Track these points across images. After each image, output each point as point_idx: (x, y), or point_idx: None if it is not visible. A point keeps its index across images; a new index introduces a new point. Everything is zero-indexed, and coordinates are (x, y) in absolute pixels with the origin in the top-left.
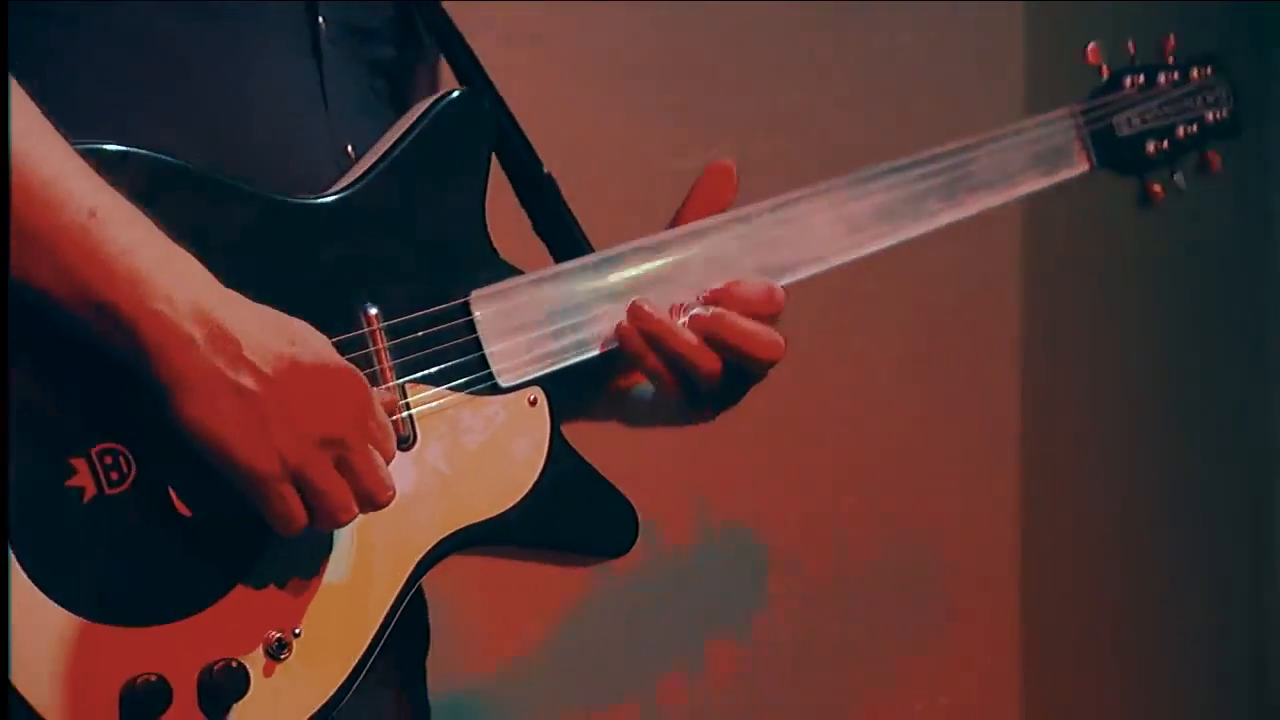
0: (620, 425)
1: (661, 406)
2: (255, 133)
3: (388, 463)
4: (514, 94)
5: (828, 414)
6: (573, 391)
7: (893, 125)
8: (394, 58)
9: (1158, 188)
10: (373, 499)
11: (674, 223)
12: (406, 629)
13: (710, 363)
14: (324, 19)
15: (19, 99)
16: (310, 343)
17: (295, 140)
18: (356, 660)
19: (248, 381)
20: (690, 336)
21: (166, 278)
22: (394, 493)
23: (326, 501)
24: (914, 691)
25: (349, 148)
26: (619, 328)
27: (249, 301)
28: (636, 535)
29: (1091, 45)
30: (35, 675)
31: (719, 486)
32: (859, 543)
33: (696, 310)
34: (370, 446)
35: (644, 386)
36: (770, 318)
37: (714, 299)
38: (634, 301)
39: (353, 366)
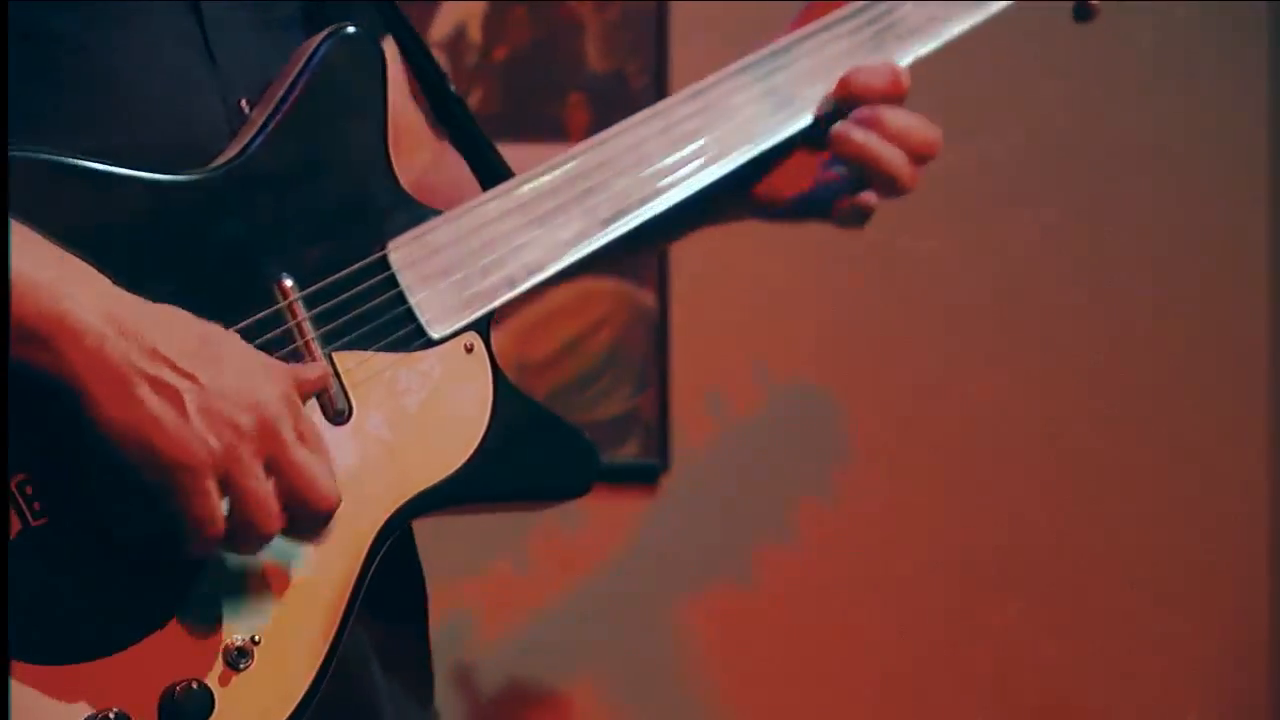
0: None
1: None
2: (136, 106)
3: (333, 474)
4: None
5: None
6: (703, 203)
7: (1137, 123)
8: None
9: (1094, 3)
10: (307, 502)
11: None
12: (395, 595)
13: (910, 177)
14: None
15: None
16: (224, 338)
17: (181, 106)
18: (325, 653)
19: (167, 375)
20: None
21: (64, 280)
22: (337, 498)
23: (251, 505)
24: None
25: (242, 102)
26: (840, 137)
27: (150, 302)
28: (597, 470)
29: None
30: None
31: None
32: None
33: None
34: (304, 446)
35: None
36: (900, 99)
37: (843, 94)
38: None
39: (273, 361)
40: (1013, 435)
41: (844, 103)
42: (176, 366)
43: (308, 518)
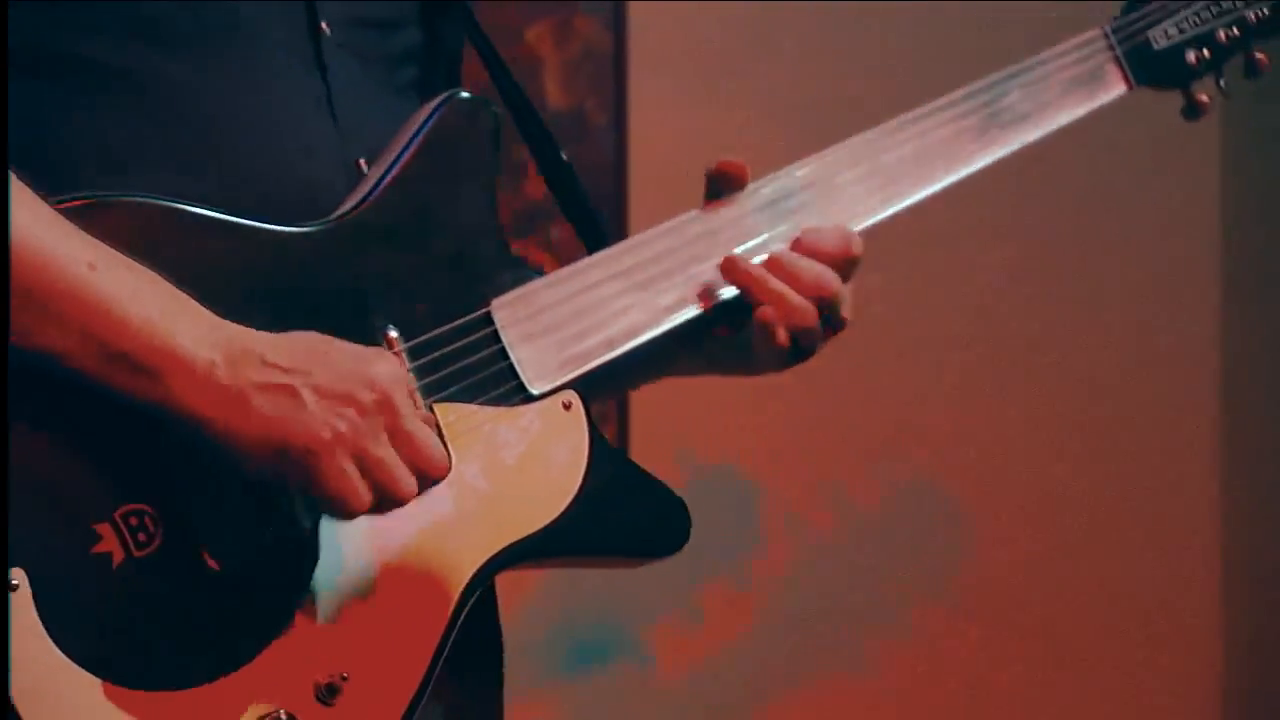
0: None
1: (754, 359)
2: (263, 163)
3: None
4: (700, 137)
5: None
6: (658, 353)
7: (1093, 165)
8: (421, 43)
9: (1204, 97)
10: (428, 468)
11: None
12: (474, 645)
13: (808, 317)
14: (327, 24)
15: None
16: (329, 340)
17: (305, 165)
18: (411, 696)
19: (278, 377)
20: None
21: (176, 316)
22: (450, 463)
23: (385, 471)
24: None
25: (360, 161)
26: (741, 277)
27: (254, 330)
28: (689, 531)
29: None
30: None
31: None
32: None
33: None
34: (416, 417)
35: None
36: (849, 264)
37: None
38: (726, 257)
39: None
40: (973, 464)
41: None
42: (284, 367)
43: (423, 483)
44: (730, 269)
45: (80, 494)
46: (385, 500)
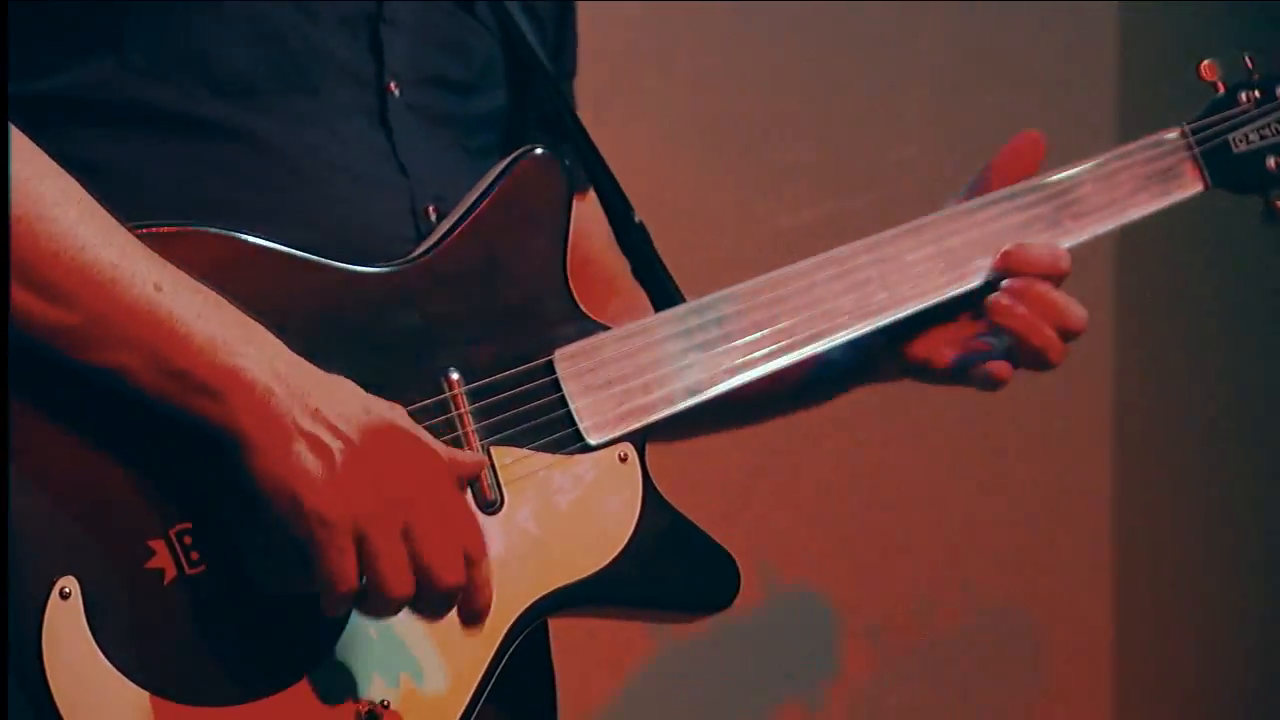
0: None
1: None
2: (332, 211)
3: (472, 552)
4: (614, 147)
5: (891, 475)
6: (859, 359)
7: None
8: (504, 107)
9: None
10: (433, 577)
11: (973, 190)
12: (525, 689)
13: (1058, 352)
14: (396, 84)
15: (67, 188)
16: (385, 410)
17: (373, 214)
18: None
19: (324, 435)
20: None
21: (241, 339)
22: (458, 577)
23: (382, 567)
24: None
25: (429, 209)
26: (998, 306)
27: (319, 369)
28: (738, 587)
29: (1206, 62)
30: None
31: (783, 549)
32: (940, 610)
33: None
34: (446, 523)
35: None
36: (1059, 280)
37: (1003, 267)
38: (994, 300)
39: (428, 437)
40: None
41: (1005, 274)
42: (335, 428)
43: (434, 592)
44: (1000, 312)
45: (137, 510)
46: (373, 592)
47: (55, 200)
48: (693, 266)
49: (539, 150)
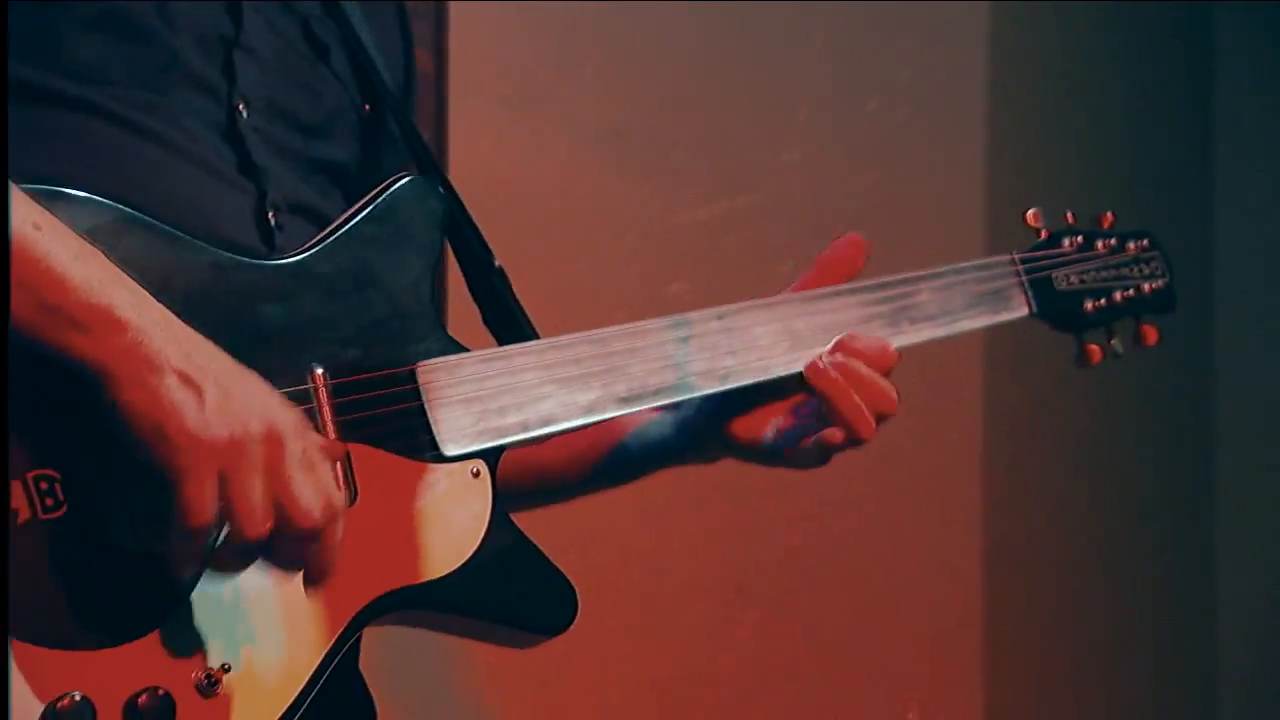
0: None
1: (782, 459)
2: (179, 199)
3: (320, 498)
4: (513, 154)
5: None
6: (690, 437)
7: (875, 184)
8: (334, 159)
9: (1095, 349)
10: (293, 516)
11: (804, 281)
12: (346, 696)
13: (867, 428)
14: (244, 106)
15: None
16: (249, 371)
17: (216, 208)
18: (285, 708)
19: (194, 374)
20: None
21: (115, 283)
22: (315, 521)
23: (241, 504)
24: None
25: (271, 215)
26: (814, 368)
27: (190, 326)
28: (575, 613)
29: (1031, 210)
30: None
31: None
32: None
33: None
34: (308, 466)
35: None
36: (884, 371)
37: (834, 351)
38: (810, 363)
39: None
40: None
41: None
42: (205, 369)
43: (290, 533)
44: (816, 374)
45: None
46: (229, 532)
47: None
48: (599, 257)
49: (417, 176)
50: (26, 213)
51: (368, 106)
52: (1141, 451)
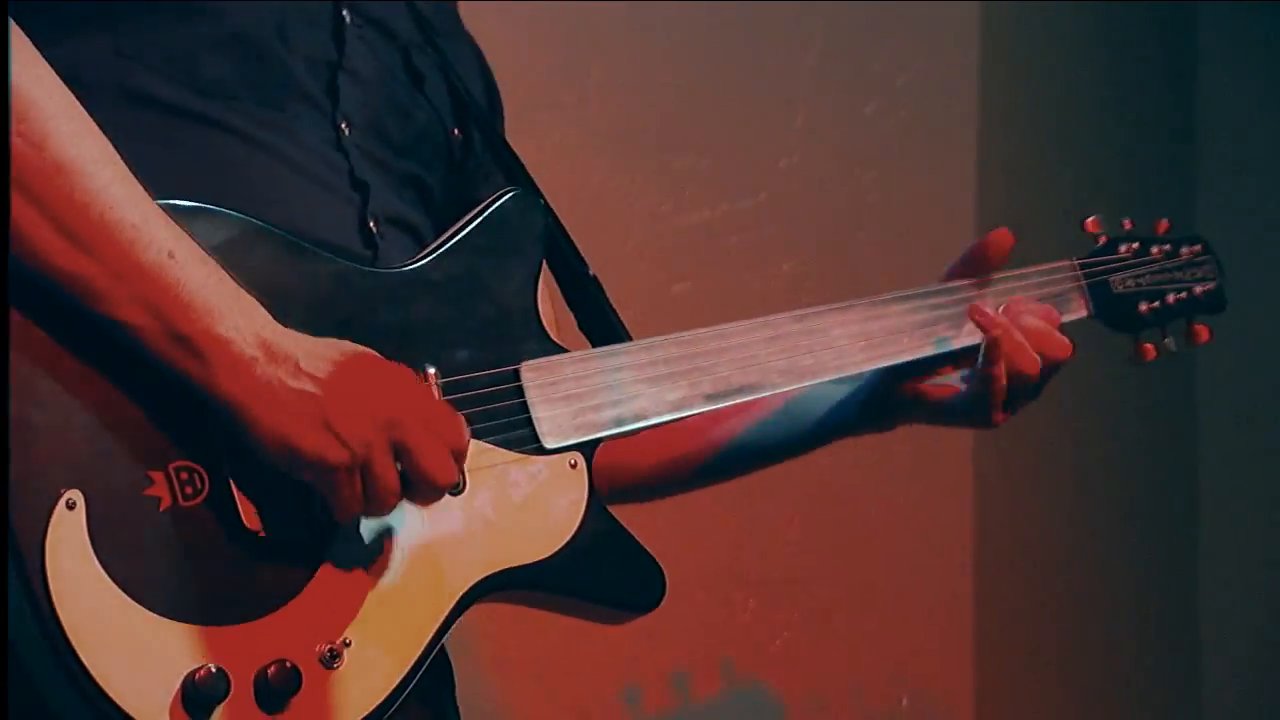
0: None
1: (964, 411)
2: (297, 210)
3: (458, 449)
4: (536, 156)
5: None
6: (873, 397)
7: (873, 186)
8: (418, 175)
9: (1150, 347)
10: (429, 479)
11: (947, 276)
12: (435, 665)
13: (1032, 364)
14: (346, 125)
15: (101, 151)
16: (359, 349)
17: (326, 217)
18: (401, 678)
19: (307, 386)
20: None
21: (235, 311)
22: (456, 477)
23: (378, 484)
24: None
25: (373, 224)
26: (988, 323)
27: (301, 334)
28: (664, 593)
29: (1091, 218)
30: (106, 659)
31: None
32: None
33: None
34: (431, 432)
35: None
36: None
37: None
38: (972, 304)
39: (400, 365)
40: None
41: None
42: (316, 377)
43: (426, 488)
44: (977, 313)
45: (143, 442)
46: (372, 504)
47: (95, 158)
48: (604, 258)
49: (520, 191)
50: (164, 239)
51: (457, 131)
52: (1127, 446)
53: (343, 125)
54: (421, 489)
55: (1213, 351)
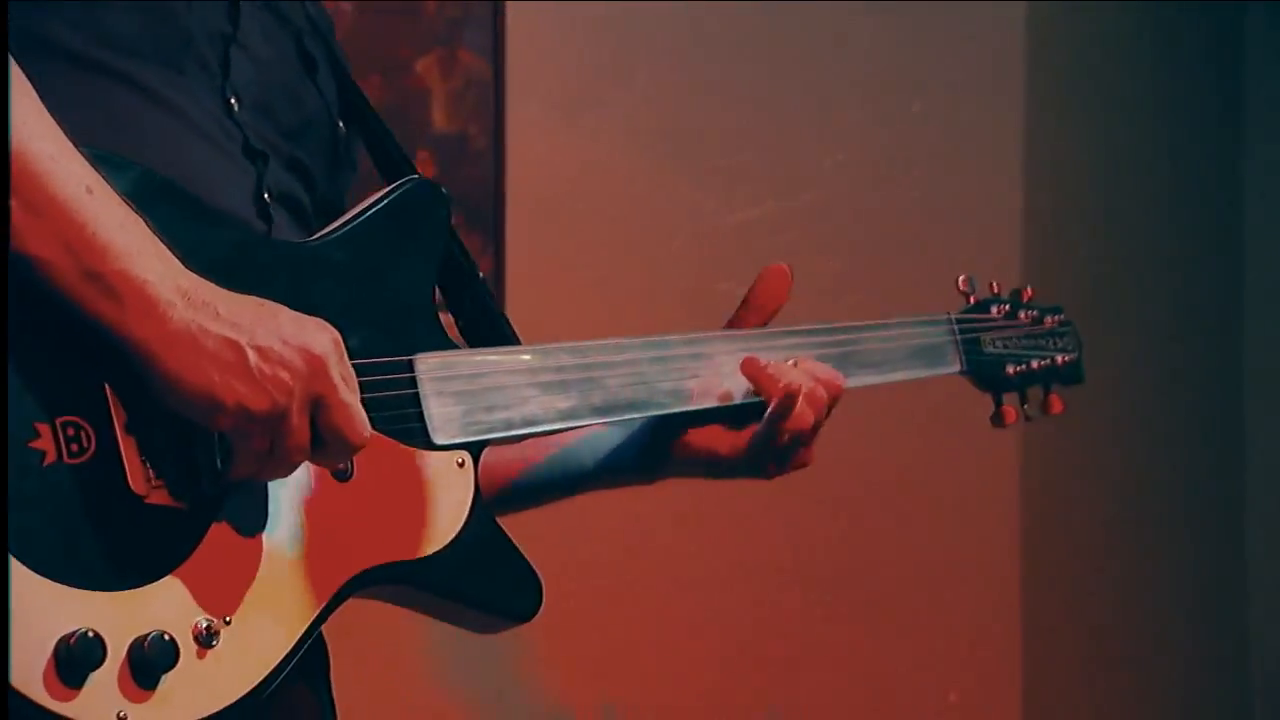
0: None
1: (744, 464)
2: (194, 174)
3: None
4: (568, 156)
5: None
6: (639, 453)
7: (920, 183)
8: (301, 161)
9: (1012, 409)
10: (344, 436)
11: (731, 322)
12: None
13: (806, 421)
14: (235, 99)
15: (21, 83)
16: (275, 304)
17: (224, 185)
18: (277, 662)
19: (229, 333)
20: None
21: (151, 255)
22: (368, 436)
23: (291, 438)
24: None
25: (266, 196)
26: (751, 361)
27: (210, 282)
28: (540, 603)
29: (962, 276)
30: None
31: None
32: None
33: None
34: (350, 388)
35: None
36: (832, 397)
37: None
38: (747, 357)
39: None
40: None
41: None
42: (234, 322)
43: (340, 446)
44: (750, 366)
45: (34, 392)
46: (280, 459)
47: (19, 89)
48: (650, 256)
49: (427, 180)
50: (81, 174)
51: (342, 125)
52: (1174, 438)
53: (232, 99)
54: (334, 447)
55: (1262, 349)
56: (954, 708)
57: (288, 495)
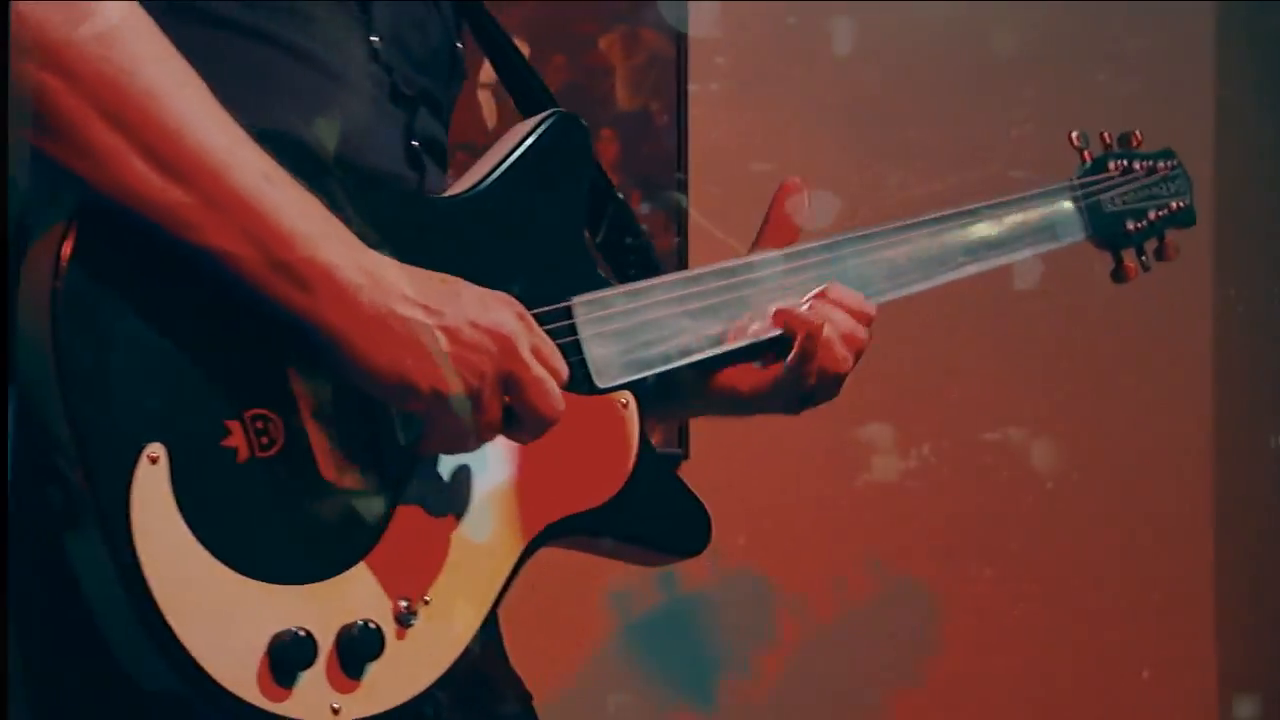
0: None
1: (768, 400)
2: (348, 128)
3: (563, 383)
4: (750, 133)
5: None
6: (669, 391)
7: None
8: (429, 90)
9: (1133, 266)
10: (537, 412)
11: (758, 235)
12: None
13: (843, 362)
14: (377, 39)
15: (186, 73)
16: (457, 280)
17: (375, 135)
18: (475, 630)
19: (419, 315)
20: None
21: (334, 237)
22: (562, 411)
23: (483, 417)
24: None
25: (415, 143)
26: (791, 321)
27: (391, 259)
28: (709, 538)
29: (1075, 132)
30: (195, 626)
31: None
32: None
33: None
34: (540, 363)
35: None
36: (868, 322)
37: (814, 300)
38: (779, 307)
39: (501, 293)
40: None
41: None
42: (422, 304)
43: (535, 423)
44: (785, 315)
45: (219, 390)
46: (475, 438)
47: (180, 80)
48: (833, 231)
49: (565, 112)
50: (257, 162)
51: (460, 45)
52: None
53: (375, 39)
54: (528, 423)
55: None
56: (1147, 684)
57: (468, 467)
